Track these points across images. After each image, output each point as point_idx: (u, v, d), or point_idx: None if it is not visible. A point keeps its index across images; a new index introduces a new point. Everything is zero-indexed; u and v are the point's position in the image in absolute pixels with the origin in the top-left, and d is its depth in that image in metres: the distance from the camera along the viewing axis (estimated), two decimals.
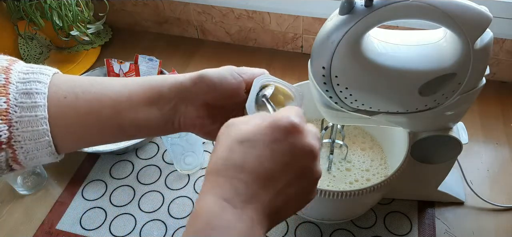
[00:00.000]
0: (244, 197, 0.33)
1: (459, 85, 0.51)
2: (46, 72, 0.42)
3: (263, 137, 0.35)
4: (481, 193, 0.70)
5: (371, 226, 0.68)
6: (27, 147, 0.40)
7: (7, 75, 0.40)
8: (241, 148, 0.34)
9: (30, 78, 0.41)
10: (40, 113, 0.40)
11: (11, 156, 0.40)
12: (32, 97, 0.40)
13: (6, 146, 0.39)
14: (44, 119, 0.40)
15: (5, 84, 0.39)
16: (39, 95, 0.40)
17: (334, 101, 0.53)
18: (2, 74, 0.40)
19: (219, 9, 1.02)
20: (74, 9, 0.94)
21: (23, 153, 0.40)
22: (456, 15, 0.46)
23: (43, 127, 0.40)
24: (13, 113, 0.39)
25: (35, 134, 0.40)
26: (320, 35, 0.50)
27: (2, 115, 0.38)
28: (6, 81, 0.39)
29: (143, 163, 0.81)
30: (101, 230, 0.70)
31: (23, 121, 0.39)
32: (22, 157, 0.40)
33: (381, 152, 0.72)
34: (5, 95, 0.39)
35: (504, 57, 0.89)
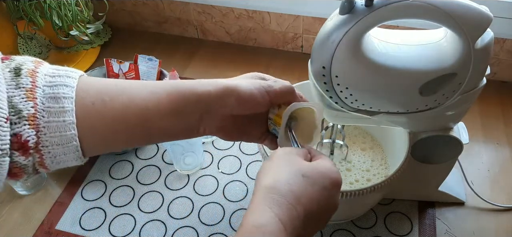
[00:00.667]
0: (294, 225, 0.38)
1: (460, 85, 0.51)
2: (72, 75, 0.42)
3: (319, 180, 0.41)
4: (482, 193, 0.69)
5: (372, 226, 0.68)
6: (54, 151, 0.40)
7: (33, 79, 0.39)
8: (302, 181, 0.40)
9: (57, 82, 0.40)
10: (68, 118, 0.40)
11: (38, 160, 0.40)
12: (59, 102, 0.39)
13: (33, 150, 0.39)
14: (72, 124, 0.40)
15: (32, 88, 0.39)
16: (66, 99, 0.40)
17: (334, 101, 0.53)
18: (28, 77, 0.39)
19: (219, 9, 1.02)
20: (74, 9, 0.93)
21: (50, 157, 0.40)
22: (457, 15, 0.46)
23: (71, 132, 0.40)
24: (41, 118, 0.39)
25: (63, 139, 0.40)
26: (320, 35, 0.49)
27: (30, 120, 0.38)
28: (33, 84, 0.39)
29: (143, 163, 0.81)
30: (101, 230, 0.70)
31: (51, 126, 0.39)
32: (49, 161, 0.40)
33: (382, 152, 0.72)
34: (33, 100, 0.38)
35: (505, 57, 0.89)
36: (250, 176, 0.77)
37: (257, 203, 0.38)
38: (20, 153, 0.38)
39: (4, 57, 0.41)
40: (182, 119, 0.46)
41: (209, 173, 0.78)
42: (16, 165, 0.39)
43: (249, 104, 0.47)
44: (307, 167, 0.42)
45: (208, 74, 0.98)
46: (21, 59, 0.41)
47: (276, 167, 0.42)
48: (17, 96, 0.38)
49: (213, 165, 0.79)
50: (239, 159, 0.80)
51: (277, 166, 0.42)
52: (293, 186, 0.39)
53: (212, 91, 0.45)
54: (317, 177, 0.41)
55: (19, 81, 0.39)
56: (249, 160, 0.79)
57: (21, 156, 0.38)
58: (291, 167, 0.41)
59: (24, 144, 0.38)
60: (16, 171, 0.39)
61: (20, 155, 0.38)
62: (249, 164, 0.79)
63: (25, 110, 0.38)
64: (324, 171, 0.42)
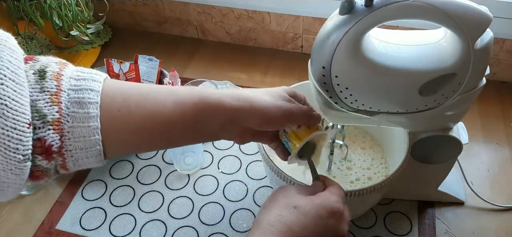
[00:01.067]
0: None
1: (459, 85, 0.51)
2: (97, 78, 0.41)
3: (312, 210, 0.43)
4: (481, 193, 0.70)
5: (371, 226, 0.68)
6: (77, 155, 0.40)
7: (58, 82, 0.39)
8: (294, 211, 0.42)
9: (82, 85, 0.40)
10: (93, 124, 0.40)
11: (60, 163, 0.40)
12: (84, 107, 0.39)
13: (57, 155, 0.39)
14: (96, 129, 0.40)
15: (57, 91, 0.38)
16: (92, 104, 0.40)
17: (334, 101, 0.53)
18: (53, 80, 0.39)
19: (219, 9, 1.02)
20: (74, 9, 0.94)
21: (72, 161, 0.40)
22: (456, 15, 0.46)
23: (95, 137, 0.40)
24: (65, 122, 0.38)
25: (87, 144, 0.40)
26: (320, 35, 0.50)
27: (54, 125, 0.38)
28: (58, 88, 0.39)
29: (143, 163, 0.81)
30: (101, 230, 0.70)
31: (75, 131, 0.39)
32: (71, 164, 0.41)
33: (382, 152, 0.72)
34: (57, 104, 0.38)
35: (504, 57, 0.89)
36: (250, 176, 0.77)
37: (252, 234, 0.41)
38: (43, 157, 0.38)
39: (28, 58, 0.40)
40: (204, 130, 0.46)
41: (209, 173, 0.78)
42: (39, 168, 0.38)
43: (271, 125, 0.48)
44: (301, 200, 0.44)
45: (208, 74, 0.98)
46: (45, 60, 0.40)
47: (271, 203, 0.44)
48: (41, 100, 0.38)
49: (213, 165, 0.79)
50: (239, 159, 0.80)
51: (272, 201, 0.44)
52: (284, 217, 0.41)
53: (238, 107, 0.46)
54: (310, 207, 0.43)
55: (44, 84, 0.38)
56: (249, 160, 0.80)
57: (44, 160, 0.38)
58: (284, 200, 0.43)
59: (48, 148, 0.38)
60: (38, 174, 0.39)
61: (43, 159, 0.38)
62: (249, 164, 0.79)
63: (50, 115, 0.38)
64: (320, 202, 0.44)
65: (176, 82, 0.83)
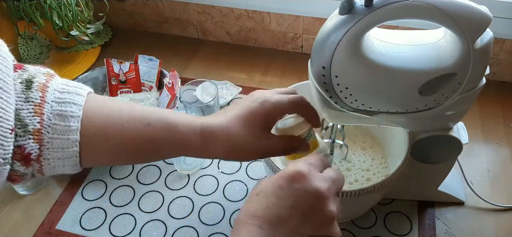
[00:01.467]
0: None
1: (459, 85, 0.51)
2: (81, 92, 0.43)
3: (272, 187, 0.40)
4: (481, 193, 0.70)
5: (371, 226, 0.68)
6: (54, 163, 0.41)
7: (43, 94, 0.40)
8: (256, 199, 0.40)
9: (66, 99, 0.41)
10: (72, 137, 0.41)
11: (37, 168, 0.41)
12: (66, 120, 0.40)
13: (34, 162, 0.40)
14: (75, 142, 0.41)
15: (40, 103, 0.40)
16: (73, 118, 0.41)
17: (334, 101, 0.53)
18: (39, 91, 0.40)
19: (219, 9, 1.02)
20: (74, 9, 0.94)
21: (49, 168, 0.41)
22: (456, 15, 0.46)
23: (74, 149, 0.41)
24: (46, 133, 0.40)
25: (65, 154, 0.41)
26: (320, 35, 0.50)
27: (35, 135, 0.39)
28: (42, 100, 0.40)
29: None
30: (101, 230, 0.70)
31: (55, 142, 0.40)
32: (47, 171, 0.42)
33: (382, 151, 0.72)
34: (40, 115, 0.39)
35: (504, 57, 0.89)
36: (250, 176, 0.77)
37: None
38: (22, 163, 0.39)
39: (18, 66, 0.41)
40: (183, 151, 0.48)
41: (209, 173, 0.78)
42: (16, 173, 0.40)
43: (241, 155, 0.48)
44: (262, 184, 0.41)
45: (208, 74, 0.98)
46: (33, 70, 0.41)
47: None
48: (25, 110, 0.39)
49: (213, 165, 0.79)
50: None
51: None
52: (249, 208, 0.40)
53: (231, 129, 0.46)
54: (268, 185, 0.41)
55: (29, 94, 0.39)
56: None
57: (22, 166, 0.39)
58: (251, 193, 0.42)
59: (27, 156, 0.39)
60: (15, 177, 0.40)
61: (21, 165, 0.39)
62: (249, 164, 0.79)
63: (31, 125, 0.39)
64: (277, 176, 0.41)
65: (176, 82, 0.83)
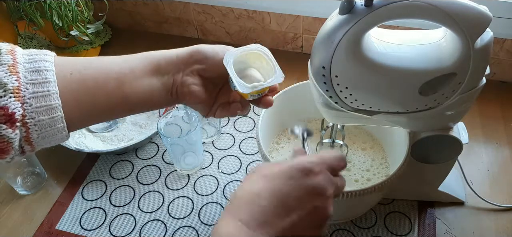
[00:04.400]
0: (259, 221, 0.37)
1: (459, 85, 0.51)
2: (47, 53, 0.44)
3: (282, 174, 0.40)
4: (482, 193, 0.70)
5: (371, 226, 0.68)
6: (40, 123, 0.41)
7: (13, 56, 0.41)
8: (262, 180, 0.40)
9: (36, 58, 0.42)
10: (52, 89, 0.41)
11: (24, 135, 0.41)
12: (41, 74, 0.41)
13: (20, 124, 0.40)
14: (55, 94, 0.41)
15: (13, 63, 0.40)
16: (48, 72, 0.41)
17: (334, 101, 0.53)
18: (9, 55, 0.41)
19: (219, 9, 1.02)
20: (74, 9, 0.94)
21: (36, 131, 0.41)
22: (456, 15, 0.46)
23: (56, 102, 0.41)
24: (25, 90, 0.40)
25: (49, 110, 0.41)
26: (320, 35, 0.50)
27: (15, 93, 0.39)
28: (14, 61, 0.40)
29: (143, 163, 0.81)
30: (101, 230, 0.70)
31: (36, 97, 0.40)
32: (35, 136, 0.41)
33: (382, 151, 0.72)
34: (16, 74, 0.40)
35: (504, 57, 0.89)
36: None
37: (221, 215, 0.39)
38: (8, 125, 0.39)
39: None
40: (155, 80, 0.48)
41: (209, 173, 0.78)
42: (4, 139, 0.39)
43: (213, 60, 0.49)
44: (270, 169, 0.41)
45: None
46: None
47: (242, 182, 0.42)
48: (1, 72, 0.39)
49: (213, 165, 0.79)
50: (239, 159, 0.80)
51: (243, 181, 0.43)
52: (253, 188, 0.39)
53: (179, 52, 0.49)
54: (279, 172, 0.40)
55: (0, 58, 0.40)
56: (249, 160, 0.79)
57: (8, 129, 0.39)
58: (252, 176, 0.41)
59: (11, 116, 0.39)
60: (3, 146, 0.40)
61: (8, 128, 0.39)
62: (249, 164, 0.79)
63: (10, 83, 0.39)
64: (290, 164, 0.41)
65: None
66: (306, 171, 0.40)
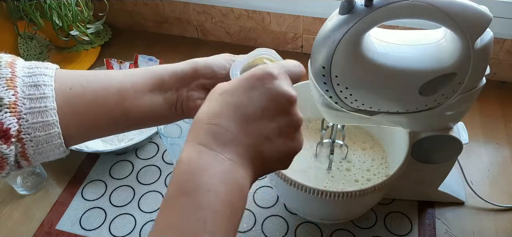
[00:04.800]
0: (222, 140, 0.34)
1: (460, 85, 0.51)
2: (49, 66, 0.43)
3: (241, 87, 0.36)
4: (482, 193, 0.70)
5: (371, 226, 0.68)
6: (36, 139, 0.40)
7: (12, 69, 0.40)
8: (220, 98, 0.36)
9: (35, 72, 0.41)
10: (49, 104, 0.40)
11: (20, 150, 0.40)
12: (40, 89, 0.40)
13: (15, 139, 0.39)
14: (53, 110, 0.40)
15: (12, 77, 0.39)
16: (46, 86, 0.40)
17: (334, 101, 0.53)
18: (8, 68, 0.40)
19: (219, 9, 1.02)
20: (74, 9, 0.94)
21: (32, 147, 0.40)
22: (456, 15, 0.46)
23: (53, 118, 0.40)
24: (22, 105, 0.39)
25: (45, 126, 0.40)
26: (320, 35, 0.50)
27: (11, 108, 0.38)
28: (13, 74, 0.40)
29: (143, 163, 0.81)
30: (101, 230, 0.70)
31: (33, 112, 0.39)
32: (31, 152, 0.40)
33: (382, 151, 0.72)
34: (13, 88, 0.39)
35: (505, 57, 0.89)
36: None
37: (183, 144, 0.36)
38: (2, 141, 0.38)
39: None
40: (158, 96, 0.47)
41: None
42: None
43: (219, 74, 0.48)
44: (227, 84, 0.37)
45: None
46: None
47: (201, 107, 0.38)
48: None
49: None
50: None
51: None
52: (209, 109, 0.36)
53: (183, 67, 0.48)
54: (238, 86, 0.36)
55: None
56: None
57: (3, 145, 0.38)
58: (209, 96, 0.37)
59: (6, 132, 0.38)
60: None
61: (2, 144, 0.38)
62: None
63: (6, 98, 0.38)
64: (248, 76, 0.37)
65: None
66: (266, 77, 0.36)
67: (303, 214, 0.66)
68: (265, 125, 0.36)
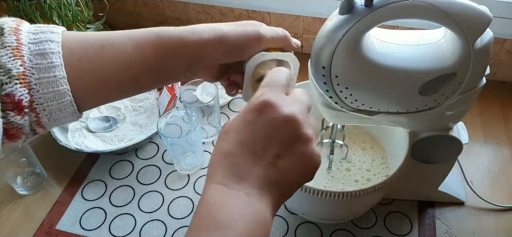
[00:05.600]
0: (237, 178, 0.36)
1: (459, 85, 0.51)
2: (55, 30, 0.41)
3: (244, 123, 0.37)
4: (482, 193, 0.70)
5: (371, 226, 0.68)
6: (50, 108, 0.40)
7: (17, 36, 0.39)
8: (226, 137, 0.38)
9: (41, 38, 0.40)
10: (59, 73, 0.39)
11: (34, 119, 0.40)
12: (47, 58, 0.39)
13: (29, 110, 0.39)
14: (63, 79, 0.40)
15: (17, 45, 0.38)
16: (54, 54, 0.39)
17: (334, 101, 0.53)
18: (12, 35, 0.38)
19: (219, 9, 1.02)
20: (74, 9, 0.94)
21: (46, 115, 0.40)
22: (456, 15, 0.46)
23: (64, 86, 0.40)
24: (31, 75, 0.38)
25: (57, 95, 0.40)
26: (320, 35, 0.50)
27: (20, 79, 0.38)
28: (18, 42, 0.38)
29: (143, 163, 0.81)
30: (101, 230, 0.70)
31: (43, 83, 0.39)
32: (46, 120, 0.40)
33: (382, 152, 0.72)
34: (20, 58, 0.38)
35: (504, 57, 0.89)
36: None
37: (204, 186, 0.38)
38: (16, 113, 0.38)
39: None
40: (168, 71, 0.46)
41: None
42: (13, 125, 0.38)
43: (236, 53, 0.47)
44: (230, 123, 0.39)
45: None
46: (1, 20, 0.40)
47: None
48: (4, 56, 0.37)
49: None
50: None
51: None
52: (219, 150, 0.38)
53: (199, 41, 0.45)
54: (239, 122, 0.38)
55: (4, 40, 0.38)
56: None
57: (16, 116, 0.38)
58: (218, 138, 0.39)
59: (18, 103, 0.37)
60: (14, 132, 0.39)
61: (16, 115, 0.38)
62: None
63: (14, 69, 0.37)
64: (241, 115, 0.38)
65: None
66: (261, 109, 0.37)
67: (303, 214, 0.66)
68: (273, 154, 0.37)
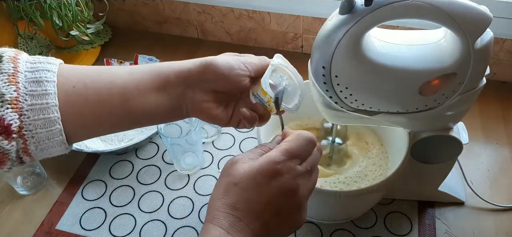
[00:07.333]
0: (237, 228, 0.40)
1: (460, 85, 0.51)
2: (52, 62, 0.42)
3: (251, 182, 0.41)
4: (482, 193, 0.70)
5: (371, 226, 0.68)
6: (38, 136, 0.40)
7: (15, 64, 0.40)
8: (234, 189, 0.41)
9: (38, 67, 0.41)
10: (51, 101, 0.40)
11: (22, 146, 0.40)
12: (42, 85, 0.40)
13: (17, 135, 0.39)
14: (55, 106, 0.40)
15: (14, 72, 0.39)
16: (49, 83, 0.40)
17: (334, 101, 0.53)
18: (10, 63, 0.40)
19: (219, 9, 1.02)
20: (74, 9, 0.93)
21: (34, 143, 0.40)
22: (457, 15, 0.46)
23: (54, 114, 0.40)
24: (24, 101, 0.39)
25: (47, 123, 0.40)
26: (320, 35, 0.50)
27: (12, 104, 0.38)
28: (15, 70, 0.39)
29: (143, 163, 0.81)
30: (101, 230, 0.70)
31: (34, 109, 0.39)
32: (33, 148, 0.41)
33: (382, 152, 0.72)
34: (15, 84, 0.39)
35: (505, 57, 0.89)
36: None
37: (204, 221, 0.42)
38: (4, 137, 0.38)
39: None
40: (163, 96, 0.46)
41: (209, 173, 0.78)
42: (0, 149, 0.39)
43: (228, 77, 0.47)
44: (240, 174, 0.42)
45: None
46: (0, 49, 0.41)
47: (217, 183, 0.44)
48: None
49: (213, 165, 0.79)
50: None
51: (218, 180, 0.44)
52: (226, 199, 0.41)
53: (190, 66, 0.47)
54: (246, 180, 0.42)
55: (1, 66, 0.39)
56: None
57: (4, 141, 0.38)
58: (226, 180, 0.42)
59: (7, 128, 0.38)
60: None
61: (3, 140, 0.38)
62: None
63: (8, 94, 0.38)
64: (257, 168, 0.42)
65: None
66: (271, 174, 0.41)
67: None
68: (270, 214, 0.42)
